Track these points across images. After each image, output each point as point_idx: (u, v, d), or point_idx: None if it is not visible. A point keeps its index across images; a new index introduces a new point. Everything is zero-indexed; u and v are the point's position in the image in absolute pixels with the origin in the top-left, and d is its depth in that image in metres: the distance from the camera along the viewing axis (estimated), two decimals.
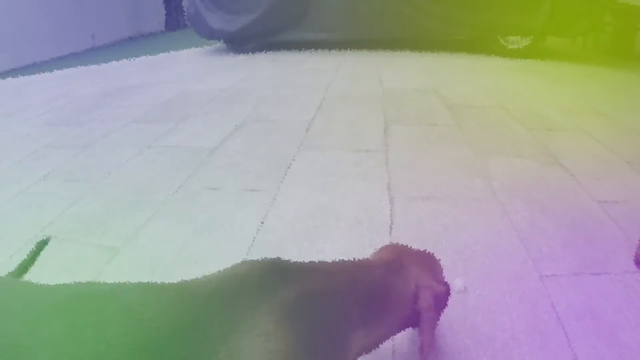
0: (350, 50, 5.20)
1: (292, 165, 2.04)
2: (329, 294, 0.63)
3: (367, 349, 0.70)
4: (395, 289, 0.74)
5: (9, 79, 5.52)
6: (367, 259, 0.81)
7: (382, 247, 0.88)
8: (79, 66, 5.84)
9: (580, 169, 1.93)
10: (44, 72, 5.74)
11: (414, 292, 0.76)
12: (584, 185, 1.79)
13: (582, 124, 2.50)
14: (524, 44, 4.51)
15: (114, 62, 5.78)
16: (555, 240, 1.42)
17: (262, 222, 1.58)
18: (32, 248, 0.91)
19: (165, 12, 11.10)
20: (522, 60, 4.41)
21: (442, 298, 0.80)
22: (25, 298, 0.54)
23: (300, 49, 5.38)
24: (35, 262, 0.90)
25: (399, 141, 2.28)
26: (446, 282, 0.88)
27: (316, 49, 5.35)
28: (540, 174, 1.89)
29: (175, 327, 0.52)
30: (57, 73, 5.44)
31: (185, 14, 5.66)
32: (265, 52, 5.36)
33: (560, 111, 2.74)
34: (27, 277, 1.36)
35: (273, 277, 0.61)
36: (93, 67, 5.61)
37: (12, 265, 1.43)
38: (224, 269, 0.66)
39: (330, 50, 5.25)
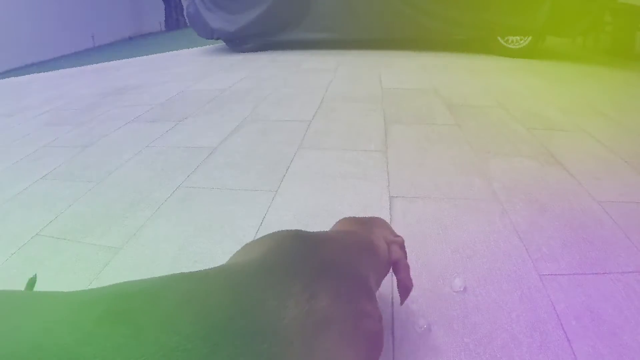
0: (350, 50, 5.20)
1: (292, 165, 2.04)
2: (347, 252, 0.77)
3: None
4: (377, 245, 0.91)
5: (9, 79, 5.52)
6: (342, 230, 0.95)
7: (340, 221, 1.03)
8: (79, 66, 5.84)
9: (580, 169, 1.93)
10: (44, 72, 5.74)
11: (385, 247, 0.95)
12: (584, 185, 1.79)
13: (582, 124, 2.50)
14: (523, 44, 4.51)
15: (114, 62, 5.78)
16: (555, 240, 1.42)
17: (262, 222, 1.58)
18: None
19: (165, 12, 11.10)
20: (521, 60, 4.41)
21: (403, 247, 1.00)
22: (61, 309, 0.51)
23: (300, 49, 5.38)
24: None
25: (398, 141, 2.28)
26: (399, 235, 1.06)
27: (316, 49, 5.35)
28: (540, 174, 1.89)
29: (238, 307, 0.55)
30: (57, 73, 5.44)
31: (185, 13, 5.66)
32: (265, 52, 5.36)
33: (560, 111, 2.74)
34: (27, 277, 1.36)
35: (301, 245, 0.71)
36: (93, 67, 5.61)
37: (12, 265, 1.43)
38: (252, 245, 0.75)
39: (330, 50, 5.25)
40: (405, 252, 0.99)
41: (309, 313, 0.59)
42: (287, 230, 0.76)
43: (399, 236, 1.01)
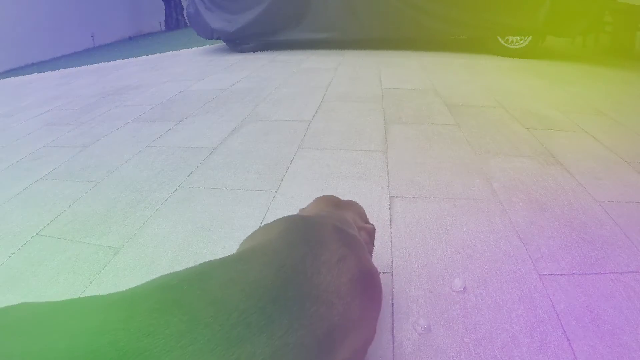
0: (350, 50, 5.20)
1: (292, 165, 2.04)
2: (343, 219, 0.87)
3: None
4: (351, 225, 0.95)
5: (9, 79, 5.52)
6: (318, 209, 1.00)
7: (315, 200, 1.07)
8: (79, 66, 5.84)
9: (580, 169, 1.93)
10: (44, 72, 5.74)
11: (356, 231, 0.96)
12: (584, 185, 1.79)
13: (582, 124, 2.50)
14: (523, 44, 4.51)
15: (114, 62, 5.78)
16: (555, 240, 1.42)
17: (262, 222, 1.58)
18: None
19: (165, 12, 11.10)
20: (521, 60, 4.41)
21: (372, 234, 1.02)
22: (108, 310, 0.51)
23: (300, 49, 5.38)
24: None
25: (398, 141, 2.28)
26: (370, 222, 1.11)
27: (316, 49, 5.35)
28: (540, 174, 1.89)
29: (279, 279, 0.61)
30: (57, 73, 5.44)
31: (185, 13, 5.65)
32: (265, 52, 5.36)
33: (560, 111, 2.74)
34: (27, 277, 1.37)
35: (309, 223, 0.78)
36: (93, 66, 5.61)
37: (12, 265, 1.43)
38: (262, 230, 0.80)
39: (330, 50, 5.25)
40: (372, 241, 1.02)
41: (340, 275, 0.68)
42: (287, 215, 0.82)
43: (370, 224, 1.04)
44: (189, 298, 0.54)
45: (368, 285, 0.74)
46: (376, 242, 1.42)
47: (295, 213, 1.53)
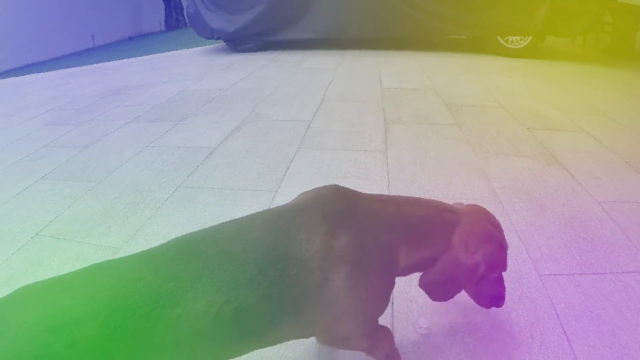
0: (350, 50, 5.20)
1: (292, 165, 2.04)
2: (378, 210, 0.80)
3: (405, 271, 0.84)
4: (440, 235, 0.84)
5: (9, 79, 5.52)
6: (434, 200, 0.90)
7: (468, 205, 0.93)
8: (79, 66, 5.84)
9: (580, 169, 1.93)
10: (44, 72, 5.74)
11: (456, 255, 0.83)
12: (584, 185, 1.79)
13: (582, 124, 2.50)
14: (523, 44, 4.51)
15: (114, 62, 5.78)
16: (555, 240, 1.42)
17: None
18: None
19: (165, 12, 11.09)
20: (521, 60, 4.41)
21: (495, 263, 0.86)
22: (138, 261, 0.66)
23: (300, 49, 5.38)
24: None
25: (398, 141, 2.28)
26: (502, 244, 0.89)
27: (316, 48, 5.35)
28: (540, 174, 1.89)
29: (274, 238, 0.70)
30: (57, 73, 5.44)
31: (185, 13, 5.66)
32: (265, 52, 5.36)
33: (560, 111, 2.74)
34: (27, 277, 1.37)
35: (337, 196, 0.79)
36: (93, 67, 5.61)
37: (12, 265, 1.43)
38: (304, 194, 0.84)
39: (330, 50, 5.25)
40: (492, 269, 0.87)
41: (328, 250, 0.70)
42: (331, 184, 0.84)
43: (501, 265, 0.88)
44: (202, 249, 0.67)
45: (358, 286, 0.72)
46: None
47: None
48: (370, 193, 0.87)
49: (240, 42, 5.46)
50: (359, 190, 0.90)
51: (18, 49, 7.25)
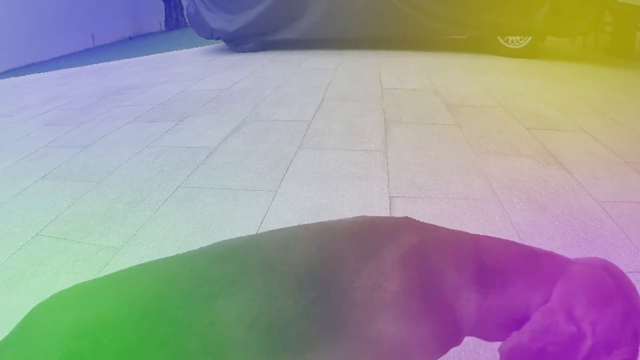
0: (350, 50, 5.20)
1: (292, 165, 2.04)
2: (446, 248, 0.66)
3: (483, 327, 0.65)
4: (532, 283, 0.64)
5: (9, 79, 5.52)
6: (546, 251, 0.72)
7: (587, 258, 0.69)
8: (79, 66, 5.84)
9: (580, 169, 1.93)
10: (44, 72, 5.74)
11: (556, 317, 0.58)
12: (584, 185, 1.79)
13: (582, 124, 2.50)
14: (523, 44, 4.51)
15: (114, 62, 5.78)
16: (555, 240, 1.42)
17: (262, 222, 1.58)
18: None
19: (165, 12, 11.09)
20: (521, 60, 4.41)
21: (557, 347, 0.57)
22: (176, 265, 0.66)
23: (300, 49, 5.38)
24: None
25: (398, 141, 2.28)
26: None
27: (316, 48, 5.35)
28: (540, 174, 1.89)
29: (320, 257, 0.64)
30: (57, 73, 5.44)
31: (185, 13, 5.66)
32: (265, 52, 5.36)
33: (560, 111, 2.74)
34: (27, 277, 1.37)
35: (400, 225, 0.70)
36: (93, 67, 5.61)
37: (12, 265, 1.43)
38: (362, 217, 0.76)
39: (330, 50, 5.25)
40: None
41: (375, 288, 0.62)
42: (401, 217, 0.74)
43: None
44: (244, 254, 0.64)
45: (403, 336, 0.62)
46: None
47: (296, 213, 1.52)
48: (456, 230, 0.72)
49: (240, 42, 5.46)
50: (358, 190, 0.89)
51: (18, 49, 7.25)
